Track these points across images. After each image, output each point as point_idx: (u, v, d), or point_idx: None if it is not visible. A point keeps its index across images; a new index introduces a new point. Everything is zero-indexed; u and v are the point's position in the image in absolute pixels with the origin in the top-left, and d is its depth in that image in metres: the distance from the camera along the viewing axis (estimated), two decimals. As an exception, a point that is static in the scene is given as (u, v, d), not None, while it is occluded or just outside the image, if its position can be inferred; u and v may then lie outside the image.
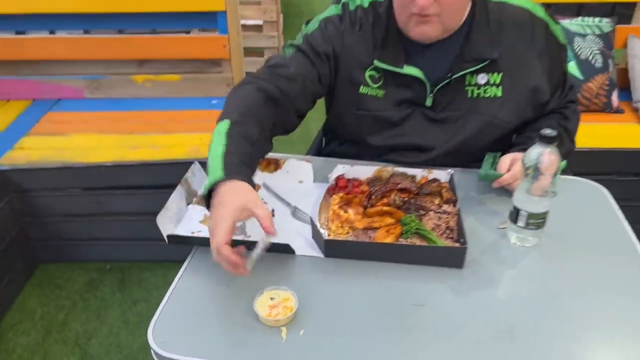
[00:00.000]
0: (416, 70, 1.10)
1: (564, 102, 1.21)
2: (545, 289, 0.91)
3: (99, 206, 1.86)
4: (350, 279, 0.91)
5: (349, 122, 1.20)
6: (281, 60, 1.13)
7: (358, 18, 1.12)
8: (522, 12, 1.11)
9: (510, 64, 1.10)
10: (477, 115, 1.13)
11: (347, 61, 1.13)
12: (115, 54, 2.20)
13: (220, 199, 0.86)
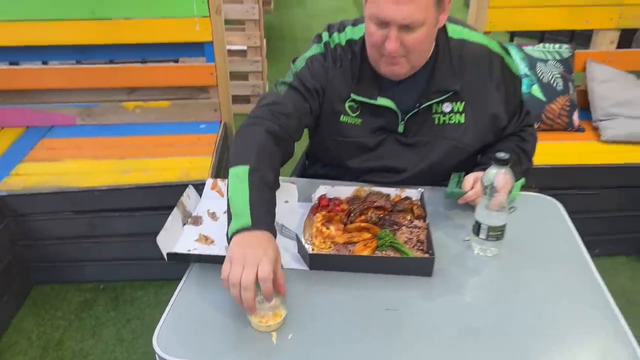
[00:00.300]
0: (388, 101, 1.23)
1: (521, 126, 1.35)
2: (504, 294, 1.03)
3: (92, 228, 1.94)
4: (333, 288, 1.02)
5: (331, 148, 1.32)
6: (277, 98, 1.23)
7: (338, 55, 1.24)
8: (480, 48, 1.24)
9: (471, 94, 1.23)
10: (444, 140, 1.26)
11: (331, 94, 1.25)
12: (106, 83, 2.30)
13: (249, 240, 0.95)
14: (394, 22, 1.06)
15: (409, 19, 1.05)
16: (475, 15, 2.19)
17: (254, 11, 3.36)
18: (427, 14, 1.07)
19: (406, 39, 1.09)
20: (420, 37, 1.10)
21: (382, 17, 1.07)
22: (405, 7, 1.04)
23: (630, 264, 2.19)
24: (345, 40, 1.25)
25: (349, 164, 1.31)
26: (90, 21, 2.12)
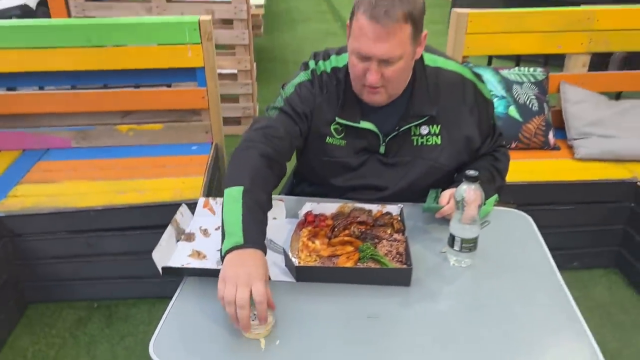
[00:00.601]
0: (370, 124, 1.32)
1: (494, 146, 1.45)
2: (478, 302, 1.10)
3: (87, 247, 2.00)
4: (318, 298, 1.10)
5: (317, 167, 1.41)
6: (269, 122, 1.31)
7: (324, 82, 1.34)
8: (454, 75, 1.35)
9: (446, 118, 1.33)
10: (422, 160, 1.35)
11: (318, 117, 1.35)
12: (101, 107, 2.38)
13: (241, 259, 1.02)
14: (374, 57, 1.16)
15: (387, 55, 1.15)
16: (453, 40, 2.32)
17: (244, 36, 3.48)
18: (404, 49, 1.16)
19: (385, 71, 1.19)
20: (398, 70, 1.19)
21: (363, 52, 1.16)
22: (384, 44, 1.14)
23: (608, 276, 2.28)
24: (330, 68, 1.34)
25: (333, 182, 1.40)
26: (86, 48, 2.21)
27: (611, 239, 2.25)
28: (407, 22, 1.13)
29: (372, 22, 1.11)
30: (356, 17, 1.15)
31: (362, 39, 1.14)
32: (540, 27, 2.37)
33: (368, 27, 1.12)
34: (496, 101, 2.28)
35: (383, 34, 1.12)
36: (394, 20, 1.11)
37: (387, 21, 1.10)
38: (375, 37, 1.13)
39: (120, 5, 3.58)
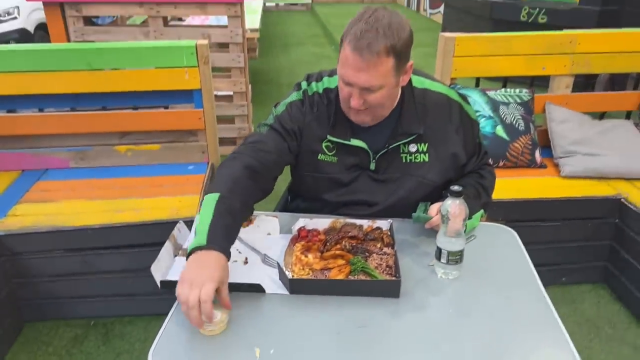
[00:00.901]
0: (360, 142, 1.39)
1: (480, 164, 1.52)
2: (464, 313, 1.15)
3: (85, 265, 2.03)
4: (311, 310, 1.14)
5: (310, 183, 1.47)
6: (259, 137, 1.40)
7: (315, 101, 1.41)
8: (440, 96, 1.42)
9: (433, 136, 1.40)
10: (410, 177, 1.42)
11: (308, 135, 1.41)
12: (99, 128, 2.44)
13: (201, 260, 1.09)
14: (356, 85, 1.24)
15: (367, 84, 1.23)
16: (442, 63, 2.40)
17: (239, 59, 3.57)
18: (385, 80, 1.23)
19: (367, 98, 1.26)
20: (380, 97, 1.27)
21: (346, 79, 1.25)
22: (364, 74, 1.21)
23: (596, 291, 2.33)
24: (323, 89, 1.42)
25: (326, 197, 1.46)
26: (86, 71, 2.28)
27: (598, 254, 2.31)
28: (389, 56, 1.20)
29: (355, 54, 1.19)
30: (343, 46, 1.23)
31: (346, 67, 1.23)
32: (525, 50, 2.47)
33: (351, 58, 1.20)
34: (484, 121, 2.36)
35: (364, 66, 1.19)
36: (375, 54, 1.18)
37: (368, 55, 1.18)
38: (357, 68, 1.20)
39: (119, 30, 3.67)
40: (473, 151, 1.48)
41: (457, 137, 1.42)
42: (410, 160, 1.41)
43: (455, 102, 1.43)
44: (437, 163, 1.41)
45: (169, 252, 1.31)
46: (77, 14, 3.40)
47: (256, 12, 5.57)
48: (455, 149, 1.42)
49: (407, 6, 11.73)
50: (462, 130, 1.43)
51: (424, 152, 1.41)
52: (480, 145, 1.52)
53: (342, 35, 1.25)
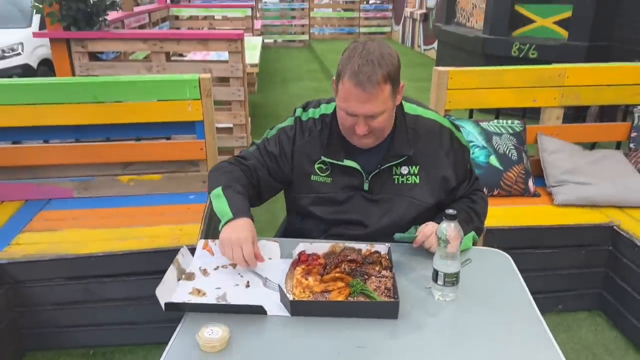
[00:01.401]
0: (354, 163, 1.47)
1: (471, 190, 1.58)
2: (461, 334, 1.18)
3: (87, 294, 2.05)
4: (311, 331, 1.17)
5: (305, 202, 1.54)
6: (245, 154, 1.58)
7: (308, 127, 1.51)
8: (432, 122, 1.51)
9: (424, 159, 1.48)
10: (402, 197, 1.49)
11: (300, 158, 1.51)
12: (102, 159, 2.49)
13: (233, 226, 1.34)
14: (361, 115, 1.34)
15: (372, 112, 1.33)
16: (436, 95, 2.49)
17: (239, 93, 3.67)
18: (386, 105, 1.34)
19: (371, 124, 1.36)
20: (383, 121, 1.37)
21: (351, 112, 1.34)
22: (368, 104, 1.32)
23: (592, 318, 2.35)
24: (319, 115, 1.52)
25: (319, 214, 1.52)
26: (91, 104, 2.35)
27: (593, 281, 2.34)
28: (387, 83, 1.31)
29: (358, 88, 1.29)
30: (342, 82, 1.33)
31: (350, 101, 1.32)
32: (515, 83, 2.56)
33: (354, 92, 1.30)
34: (477, 151, 2.43)
35: (367, 97, 1.30)
36: (375, 84, 1.29)
37: (370, 87, 1.28)
38: (361, 100, 1.31)
39: (123, 65, 3.79)
40: (464, 176, 1.55)
41: (447, 161, 1.49)
42: (402, 182, 1.49)
43: (446, 129, 1.52)
44: (427, 185, 1.49)
45: (173, 275, 1.34)
46: (82, 50, 3.51)
47: (255, 48, 5.72)
48: (445, 172, 1.49)
49: (401, 42, 12.04)
50: (453, 155, 1.50)
51: (415, 174, 1.48)
52: (471, 171, 1.59)
53: (337, 71, 1.35)
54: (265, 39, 11.51)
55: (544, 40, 4.94)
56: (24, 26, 6.48)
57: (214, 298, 1.28)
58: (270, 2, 12.59)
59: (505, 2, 5.15)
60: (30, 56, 6.49)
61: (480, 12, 6.02)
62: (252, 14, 7.53)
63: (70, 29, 3.48)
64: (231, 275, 1.39)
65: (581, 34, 4.66)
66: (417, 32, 10.90)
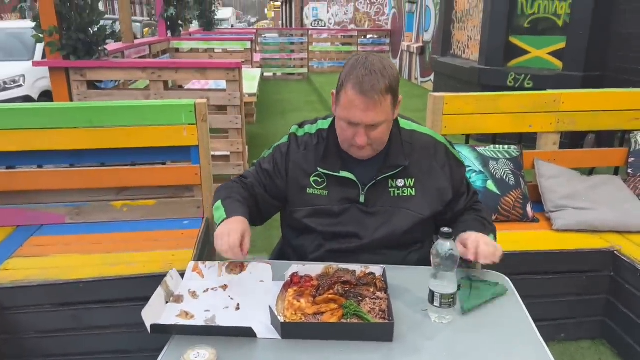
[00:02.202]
0: (350, 174, 1.47)
1: (471, 202, 1.58)
2: (458, 358, 1.14)
3: (75, 321, 1.98)
4: (303, 355, 1.12)
5: (300, 215, 1.53)
6: (245, 173, 1.66)
7: (304, 141, 1.54)
8: (427, 137, 1.53)
9: (419, 172, 1.48)
10: (398, 209, 1.48)
11: (295, 172, 1.52)
12: (96, 184, 2.46)
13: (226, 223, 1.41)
14: (363, 123, 1.35)
15: (374, 121, 1.35)
16: (431, 120, 2.49)
17: (237, 121, 3.68)
18: (387, 115, 1.38)
19: (372, 134, 1.38)
20: (382, 131, 1.40)
21: (353, 121, 1.35)
22: (372, 113, 1.34)
23: (596, 347, 2.28)
24: (316, 130, 1.54)
25: (316, 228, 1.50)
26: (86, 129, 2.34)
27: (595, 308, 2.28)
28: (388, 93, 1.35)
29: (362, 97, 1.32)
30: (345, 90, 1.35)
31: (352, 110, 1.34)
32: (511, 108, 2.57)
33: (357, 100, 1.32)
34: (474, 176, 2.41)
35: (371, 105, 1.33)
36: (378, 93, 1.31)
37: (373, 94, 1.32)
38: (364, 108, 1.33)
39: (121, 93, 3.81)
40: (462, 191, 1.56)
41: (442, 173, 1.50)
42: (398, 194, 1.49)
43: (441, 144, 1.54)
44: (423, 197, 1.49)
45: (160, 297, 1.30)
46: (81, 79, 3.54)
47: (254, 79, 5.80)
48: (441, 183, 1.50)
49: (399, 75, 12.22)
50: (448, 168, 1.51)
51: (411, 187, 1.49)
52: (469, 186, 1.60)
53: (339, 82, 1.38)
54: (265, 72, 11.67)
55: (539, 70, 5.01)
56: (26, 59, 6.58)
57: (203, 320, 1.24)
58: (270, 36, 12.84)
59: (500, 33, 5.24)
60: (31, 88, 6.56)
61: (476, 44, 6.12)
62: (251, 47, 7.66)
63: (70, 58, 3.52)
64: (221, 297, 1.34)
65: (575, 64, 4.72)
66: (414, 65, 11.07)
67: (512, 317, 1.28)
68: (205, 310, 1.28)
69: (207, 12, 8.97)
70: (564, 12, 4.86)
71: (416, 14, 10.99)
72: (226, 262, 1.46)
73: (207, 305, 1.30)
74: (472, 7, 6.44)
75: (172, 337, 1.18)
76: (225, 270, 1.44)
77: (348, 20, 15.10)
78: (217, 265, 1.46)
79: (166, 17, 6.77)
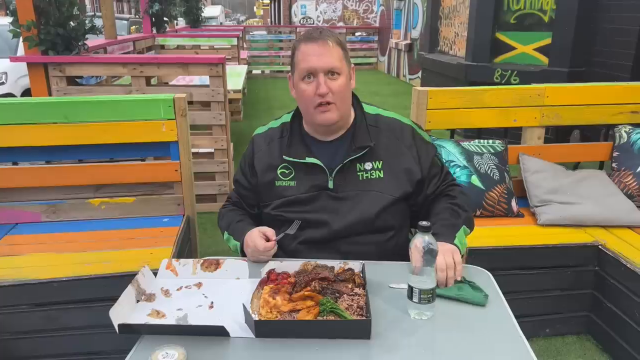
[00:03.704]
0: (316, 160, 1.46)
1: (445, 184, 1.55)
2: (438, 354, 1.10)
3: (50, 321, 1.92)
4: (277, 354, 1.08)
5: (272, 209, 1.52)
6: (229, 194, 1.70)
7: (268, 136, 1.55)
8: (392, 120, 1.54)
9: (386, 153, 1.48)
10: (368, 192, 1.46)
11: (262, 169, 1.53)
12: (74, 181, 2.40)
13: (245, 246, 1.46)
14: (321, 69, 1.39)
15: (330, 65, 1.39)
16: (416, 114, 2.46)
17: (220, 117, 3.62)
18: (341, 65, 1.41)
19: (331, 85, 1.39)
20: (342, 84, 1.41)
21: (311, 66, 1.38)
22: (325, 57, 1.39)
23: (581, 342, 2.26)
24: (280, 123, 1.56)
25: (288, 218, 1.49)
26: (62, 125, 2.28)
27: (580, 303, 2.26)
28: (337, 46, 1.41)
29: (313, 44, 1.39)
30: (298, 50, 1.41)
31: (307, 57, 1.39)
32: (496, 103, 2.54)
33: (310, 49, 1.39)
34: (459, 171, 2.38)
35: (323, 50, 1.39)
36: (327, 41, 1.40)
37: (322, 41, 1.40)
38: (317, 54, 1.39)
39: (102, 89, 3.74)
40: (434, 172, 1.53)
41: (409, 153, 1.50)
42: (366, 177, 1.48)
43: (407, 125, 1.54)
44: (392, 178, 1.48)
45: (130, 296, 1.25)
46: (60, 74, 3.46)
47: (240, 75, 5.73)
48: (408, 164, 1.49)
49: (387, 73, 12.20)
50: (415, 148, 1.51)
51: (378, 169, 1.48)
52: (441, 167, 1.57)
53: (291, 60, 1.45)
54: (254, 70, 11.60)
55: (525, 66, 5.00)
56: (8, 56, 6.44)
57: (174, 319, 1.20)
58: (258, 33, 12.75)
59: (486, 30, 5.22)
60: (14, 85, 6.44)
61: (462, 40, 6.11)
62: (238, 43, 7.58)
63: (48, 54, 3.43)
64: (195, 296, 1.30)
65: (561, 60, 4.72)
66: (402, 63, 11.06)
67: (493, 313, 1.25)
68: (178, 309, 1.24)
69: (193, 8, 8.87)
70: (550, 7, 4.86)
71: (404, 11, 10.99)
72: (201, 259, 1.41)
73: (179, 304, 1.26)
74: (458, 3, 6.43)
75: (141, 338, 1.13)
76: (200, 267, 1.39)
77: (336, 18, 15.05)
78: (192, 263, 1.41)
79: (151, 14, 6.68)
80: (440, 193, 1.54)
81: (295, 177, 1.49)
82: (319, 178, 1.47)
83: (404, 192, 1.49)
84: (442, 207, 1.49)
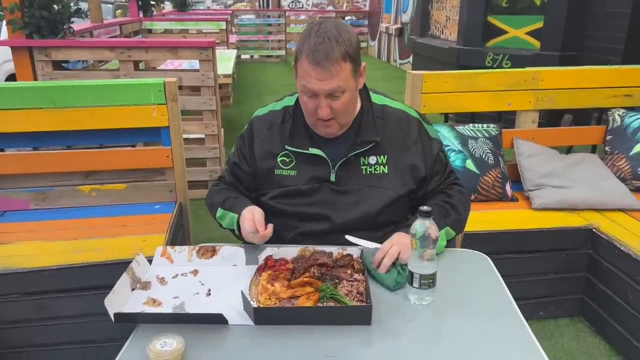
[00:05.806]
0: (319, 151, 1.40)
1: (446, 183, 1.51)
2: (439, 339, 1.10)
3: (40, 310, 1.89)
4: (277, 341, 1.06)
5: (270, 199, 1.46)
6: (223, 174, 1.61)
7: (268, 120, 1.47)
8: (399, 112, 1.47)
9: (392, 148, 1.42)
10: (371, 188, 1.41)
11: (261, 155, 1.45)
12: (63, 168, 2.35)
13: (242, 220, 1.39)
14: (322, 92, 1.27)
15: (331, 90, 1.27)
16: (410, 98, 2.43)
17: (211, 102, 3.57)
18: (346, 84, 1.29)
19: (333, 104, 1.30)
20: (345, 101, 1.32)
21: (311, 89, 1.28)
22: (328, 82, 1.27)
23: (574, 324, 2.29)
24: (281, 106, 1.47)
25: (287, 209, 1.43)
26: (49, 110, 2.22)
27: (573, 286, 2.28)
28: (346, 61, 1.27)
29: (315, 67, 1.25)
30: (300, 62, 1.28)
31: (309, 79, 1.27)
32: (490, 86, 2.53)
33: (313, 71, 1.25)
34: (453, 155, 2.37)
35: (326, 75, 1.26)
36: (333, 62, 1.25)
37: (328, 64, 1.25)
38: (320, 78, 1.26)
39: (89, 74, 3.65)
40: (436, 169, 1.48)
41: (415, 149, 1.44)
42: (370, 172, 1.42)
43: (413, 119, 1.47)
44: (396, 174, 1.42)
45: (125, 284, 1.23)
46: (45, 59, 3.37)
47: (229, 60, 5.64)
48: (413, 160, 1.43)
49: (377, 57, 12.12)
50: (421, 144, 1.45)
51: (383, 164, 1.42)
52: (445, 165, 1.52)
53: (295, 52, 1.31)
54: (243, 55, 11.45)
55: (517, 50, 4.98)
56: (-9, 40, 6.29)
57: (171, 307, 1.17)
58: (246, 17, 12.57)
59: (478, 13, 5.19)
60: (-3, 70, 6.29)
61: (454, 24, 6.07)
62: (226, 27, 7.47)
63: (33, 37, 3.34)
64: (191, 283, 1.28)
65: (553, 43, 4.71)
66: (392, 47, 10.99)
67: (492, 297, 1.25)
68: (174, 297, 1.22)
69: (180, -9, 8.70)
70: (542, -9, 4.83)
71: (394, -6, 10.88)
72: (196, 246, 1.39)
73: (175, 292, 1.24)
74: (450, -14, 6.38)
75: (138, 327, 1.11)
76: (195, 254, 1.37)
77: (326, 2, 14.89)
78: (187, 250, 1.38)
79: (137, -4, 6.54)
80: (439, 191, 1.49)
81: (296, 166, 1.42)
82: (321, 170, 1.41)
83: (408, 190, 1.43)
84: (433, 203, 1.42)
